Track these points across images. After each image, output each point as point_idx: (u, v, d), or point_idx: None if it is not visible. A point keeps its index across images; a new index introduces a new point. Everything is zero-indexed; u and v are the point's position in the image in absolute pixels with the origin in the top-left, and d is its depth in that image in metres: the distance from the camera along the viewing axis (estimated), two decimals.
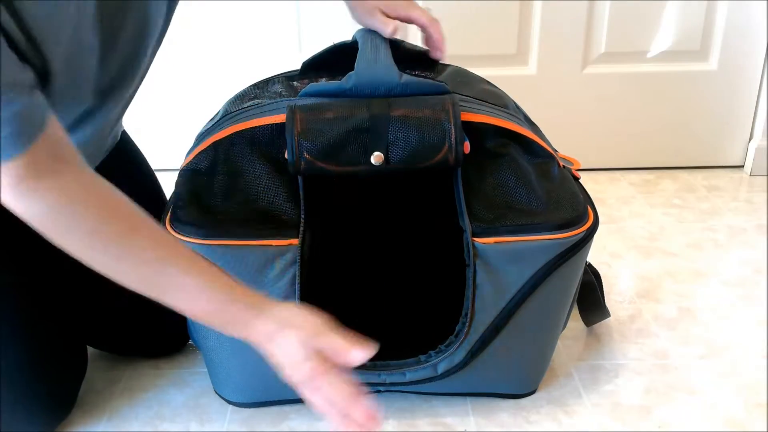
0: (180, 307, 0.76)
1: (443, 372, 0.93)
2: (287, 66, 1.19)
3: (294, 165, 0.84)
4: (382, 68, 0.87)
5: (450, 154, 0.84)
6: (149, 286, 0.74)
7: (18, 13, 0.65)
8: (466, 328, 0.90)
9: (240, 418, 0.99)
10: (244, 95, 0.98)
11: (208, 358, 0.99)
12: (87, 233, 0.71)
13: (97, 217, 0.71)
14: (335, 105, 0.85)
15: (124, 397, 1.03)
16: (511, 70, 1.69)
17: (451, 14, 1.63)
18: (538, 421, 0.97)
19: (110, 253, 0.72)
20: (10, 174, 0.66)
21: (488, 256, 0.86)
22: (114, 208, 0.73)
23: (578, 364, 1.08)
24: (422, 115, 0.84)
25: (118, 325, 1.05)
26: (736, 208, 1.59)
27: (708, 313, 1.21)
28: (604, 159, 1.78)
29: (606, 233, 1.48)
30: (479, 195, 0.88)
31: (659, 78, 1.69)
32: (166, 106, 1.70)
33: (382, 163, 0.84)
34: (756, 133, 1.74)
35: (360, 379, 0.93)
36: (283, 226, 0.85)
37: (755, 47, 1.66)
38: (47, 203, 0.69)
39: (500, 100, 0.96)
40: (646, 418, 0.98)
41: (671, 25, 1.64)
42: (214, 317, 0.76)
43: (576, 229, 0.87)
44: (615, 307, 1.22)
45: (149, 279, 0.74)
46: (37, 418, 0.92)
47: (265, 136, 0.88)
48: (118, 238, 0.72)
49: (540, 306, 0.91)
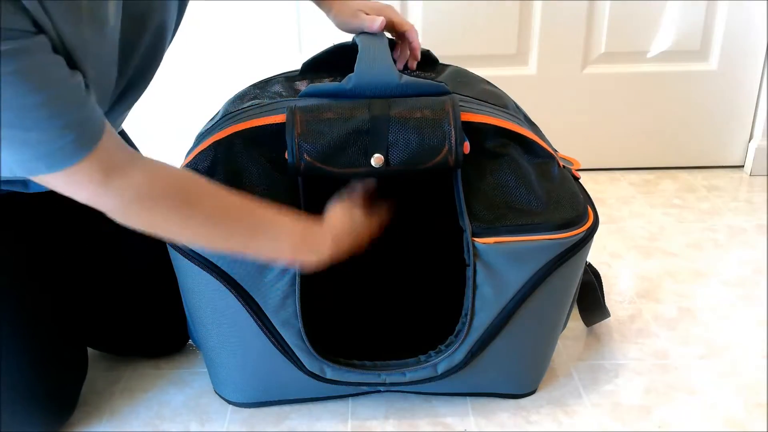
0: (268, 252, 0.83)
1: (443, 372, 0.93)
2: (287, 66, 1.19)
3: (294, 167, 0.84)
4: (381, 69, 0.87)
5: (450, 155, 0.84)
6: (240, 242, 0.81)
7: (60, 36, 0.68)
8: (466, 328, 0.90)
9: (240, 418, 0.99)
10: (244, 95, 0.98)
11: (208, 358, 0.99)
12: (175, 219, 0.77)
13: (174, 201, 0.76)
14: (335, 106, 0.85)
15: (124, 397, 1.03)
16: (511, 70, 1.69)
17: (451, 14, 1.63)
18: (538, 421, 0.98)
19: (198, 229, 0.78)
20: (83, 174, 0.70)
21: (488, 256, 0.86)
22: (183, 187, 0.78)
23: (578, 364, 1.09)
24: (422, 116, 0.84)
25: (117, 326, 1.05)
26: (736, 208, 1.59)
27: (708, 313, 1.21)
28: (604, 159, 1.78)
29: (606, 233, 1.48)
30: (479, 195, 0.88)
31: (659, 78, 1.69)
32: (166, 106, 1.70)
33: (382, 165, 0.84)
34: (756, 133, 1.74)
35: (360, 380, 0.94)
36: None
37: (755, 47, 1.66)
38: (128, 197, 0.73)
39: (500, 100, 0.96)
40: (646, 418, 0.98)
41: (671, 25, 1.64)
42: (296, 243, 0.83)
43: (576, 229, 0.87)
44: (615, 307, 1.22)
45: (238, 236, 0.81)
46: (38, 420, 0.92)
47: (265, 136, 0.88)
48: (200, 215, 0.78)
49: (540, 306, 0.91)
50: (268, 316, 0.89)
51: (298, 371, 0.93)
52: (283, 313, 0.89)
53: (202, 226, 0.78)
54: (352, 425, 0.97)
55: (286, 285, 0.87)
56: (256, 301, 0.88)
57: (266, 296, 0.88)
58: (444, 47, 1.65)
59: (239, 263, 0.86)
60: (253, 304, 0.88)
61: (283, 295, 0.87)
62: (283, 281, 0.87)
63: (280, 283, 0.87)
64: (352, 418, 0.98)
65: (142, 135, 1.71)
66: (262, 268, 0.86)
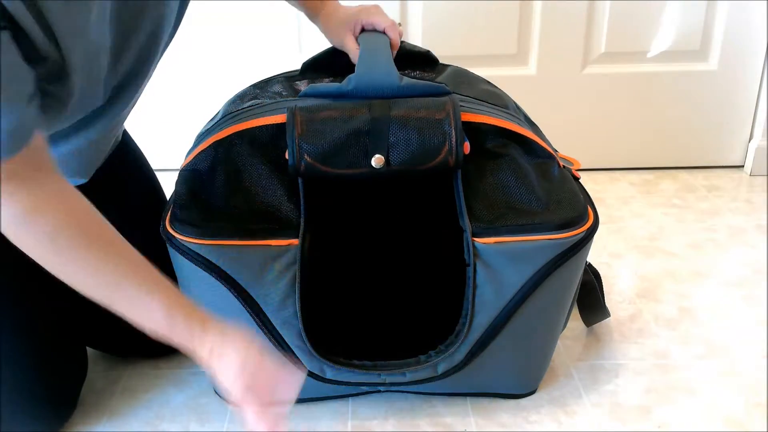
0: (132, 320, 0.76)
1: (443, 372, 0.93)
2: (287, 66, 1.19)
3: (294, 167, 0.84)
4: (382, 71, 0.87)
5: (450, 156, 0.84)
6: (105, 296, 0.75)
7: (37, 6, 0.66)
8: (466, 328, 0.90)
9: (240, 418, 0.98)
10: (244, 95, 0.98)
11: None
12: (56, 239, 0.72)
13: (67, 224, 0.72)
14: (336, 107, 0.85)
15: (124, 397, 1.03)
16: (511, 70, 1.69)
17: (451, 14, 1.63)
18: (538, 421, 0.97)
19: (74, 262, 0.73)
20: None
21: (488, 256, 0.86)
22: (84, 218, 0.74)
23: (578, 364, 1.09)
24: (423, 117, 0.84)
25: (117, 326, 1.05)
26: (736, 208, 1.59)
27: (708, 313, 1.21)
28: (604, 159, 1.78)
29: (606, 233, 1.48)
30: (479, 195, 0.88)
31: (659, 78, 1.69)
32: (166, 106, 1.70)
33: (383, 165, 0.84)
34: (756, 133, 1.74)
35: (360, 380, 0.94)
36: (284, 227, 0.85)
37: (755, 47, 1.66)
38: (23, 207, 0.70)
39: (500, 100, 0.96)
40: (646, 418, 0.98)
41: (671, 25, 1.64)
42: (167, 332, 0.77)
43: (576, 229, 0.87)
44: (615, 307, 1.22)
45: (106, 288, 0.75)
46: (38, 420, 0.92)
47: (266, 136, 0.88)
48: (84, 247, 0.73)
49: (540, 306, 0.91)
50: (268, 316, 0.89)
51: None
52: (283, 313, 0.89)
53: (76, 273, 0.74)
54: (352, 425, 0.97)
55: (286, 285, 0.87)
56: (256, 302, 0.88)
57: (266, 296, 0.88)
58: (444, 47, 1.65)
59: (240, 263, 0.86)
60: (253, 304, 0.88)
61: (284, 295, 0.87)
62: (283, 282, 0.87)
63: (281, 283, 0.87)
64: (352, 418, 0.98)
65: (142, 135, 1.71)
66: (263, 268, 0.86)
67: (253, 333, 0.78)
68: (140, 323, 0.77)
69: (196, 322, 0.76)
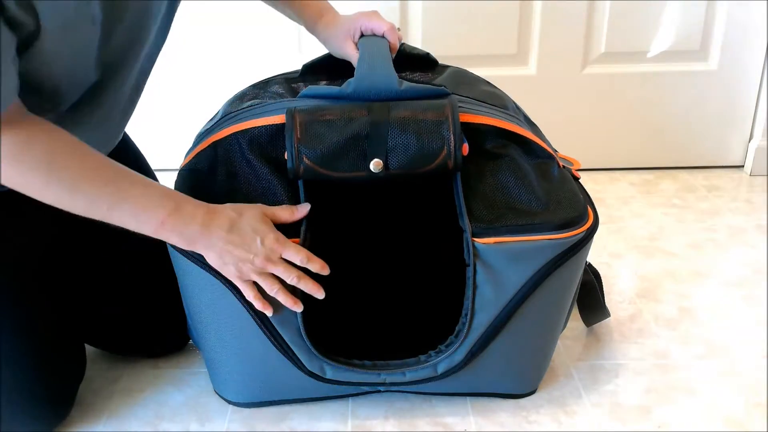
0: (136, 217, 0.82)
1: (443, 372, 0.93)
2: (287, 66, 1.19)
3: (294, 170, 0.84)
4: (382, 75, 0.87)
5: (449, 159, 0.84)
6: (107, 203, 0.80)
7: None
8: (466, 328, 0.90)
9: (240, 418, 0.99)
10: (244, 95, 0.98)
11: (208, 358, 0.99)
12: (52, 161, 0.78)
13: (61, 144, 0.79)
14: (335, 109, 0.85)
15: (123, 397, 1.03)
16: (511, 70, 1.69)
17: (451, 14, 1.63)
18: (538, 421, 0.97)
19: (72, 177, 0.79)
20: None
21: (488, 256, 0.86)
22: (71, 140, 0.80)
23: (578, 364, 1.09)
24: (421, 120, 0.84)
25: (118, 325, 1.05)
26: (736, 208, 1.59)
27: (708, 313, 1.21)
28: (604, 159, 1.78)
29: (606, 233, 1.48)
30: (479, 195, 0.88)
31: (659, 78, 1.69)
32: (166, 106, 1.70)
33: (381, 169, 0.84)
34: (756, 133, 1.74)
35: (360, 379, 0.94)
36: (284, 226, 0.85)
37: (755, 47, 1.66)
38: (19, 139, 0.76)
39: (500, 100, 0.96)
40: (646, 418, 0.98)
41: (671, 25, 1.64)
42: (169, 223, 0.82)
43: (576, 229, 0.87)
44: (615, 307, 1.22)
45: (108, 197, 0.80)
46: (37, 419, 0.92)
47: (265, 136, 0.88)
48: (79, 159, 0.79)
49: (540, 306, 0.91)
50: (268, 315, 0.89)
51: (298, 371, 0.93)
52: (283, 312, 0.89)
53: (65, 190, 0.78)
54: (352, 425, 0.97)
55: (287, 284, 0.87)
56: None
57: (266, 295, 0.88)
58: (444, 47, 1.65)
59: None
60: None
61: None
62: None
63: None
64: (352, 418, 0.98)
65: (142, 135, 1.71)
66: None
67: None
68: (145, 219, 0.82)
69: (195, 203, 0.84)
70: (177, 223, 0.82)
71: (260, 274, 0.84)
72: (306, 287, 0.85)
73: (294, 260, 0.84)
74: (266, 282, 0.84)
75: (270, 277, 0.84)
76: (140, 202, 0.81)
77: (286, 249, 0.84)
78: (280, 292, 0.85)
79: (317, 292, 0.85)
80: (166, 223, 0.81)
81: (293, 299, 0.85)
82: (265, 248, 0.83)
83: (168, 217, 0.81)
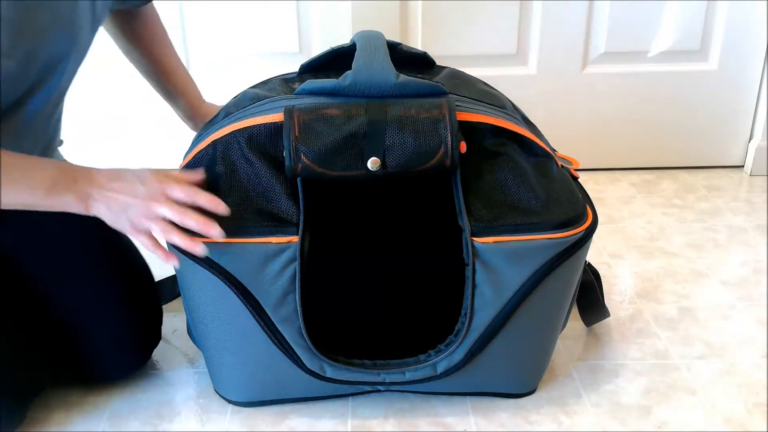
0: (26, 188, 0.83)
1: (443, 371, 0.93)
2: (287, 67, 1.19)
3: (292, 169, 0.84)
4: (379, 68, 0.87)
5: (446, 158, 0.84)
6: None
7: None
8: (465, 327, 0.90)
9: (240, 418, 0.99)
10: (243, 96, 0.98)
11: (208, 358, 0.99)
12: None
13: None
14: (333, 108, 0.85)
15: (124, 397, 1.03)
16: (511, 70, 1.69)
17: (451, 14, 1.63)
18: (538, 421, 0.97)
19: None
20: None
21: (487, 255, 0.86)
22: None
23: (578, 364, 1.09)
24: (419, 119, 0.84)
25: (78, 353, 1.01)
26: (736, 208, 1.59)
27: (708, 313, 1.21)
28: (604, 159, 1.78)
29: (606, 233, 1.48)
30: (478, 194, 0.88)
31: (659, 78, 1.69)
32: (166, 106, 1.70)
33: (379, 168, 0.84)
34: (756, 133, 1.74)
35: (360, 378, 0.94)
36: (283, 224, 0.86)
37: (755, 47, 1.66)
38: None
39: (497, 100, 0.96)
40: (646, 418, 0.98)
41: (671, 24, 1.64)
42: (61, 180, 0.84)
43: (575, 229, 0.87)
44: (615, 307, 1.22)
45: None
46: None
47: (264, 134, 0.88)
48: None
49: (539, 305, 0.91)
50: (268, 313, 0.89)
51: (298, 370, 0.93)
52: (283, 311, 0.89)
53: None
54: (352, 425, 0.97)
55: (286, 282, 0.87)
56: (256, 299, 0.88)
57: (266, 293, 0.88)
58: (444, 47, 1.65)
59: (240, 261, 0.86)
60: (253, 301, 0.88)
61: (284, 292, 0.88)
62: (283, 279, 0.87)
63: (281, 280, 0.87)
64: (352, 418, 0.98)
65: (142, 135, 1.71)
66: (263, 265, 0.86)
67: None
68: (37, 179, 0.84)
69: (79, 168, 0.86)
70: (66, 180, 0.84)
71: (151, 218, 0.83)
72: (194, 225, 0.83)
73: (179, 197, 0.83)
74: (158, 225, 0.83)
75: (161, 221, 0.84)
76: (31, 163, 0.84)
77: (169, 186, 0.84)
78: (173, 234, 0.83)
79: (210, 228, 0.82)
80: (57, 182, 0.83)
81: (192, 240, 0.83)
82: (148, 188, 0.83)
83: (57, 175, 0.84)
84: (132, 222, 0.84)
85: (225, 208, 0.84)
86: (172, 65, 1.19)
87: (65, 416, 0.99)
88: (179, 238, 0.83)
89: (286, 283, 0.87)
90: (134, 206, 0.83)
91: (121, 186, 0.84)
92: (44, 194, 0.83)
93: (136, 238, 0.85)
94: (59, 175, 0.84)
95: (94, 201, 0.84)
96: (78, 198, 0.84)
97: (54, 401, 1.02)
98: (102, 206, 0.84)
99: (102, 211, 0.84)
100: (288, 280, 0.87)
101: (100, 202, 0.84)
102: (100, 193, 0.84)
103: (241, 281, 0.87)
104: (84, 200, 0.84)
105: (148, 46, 1.17)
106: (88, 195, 0.84)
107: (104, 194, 0.84)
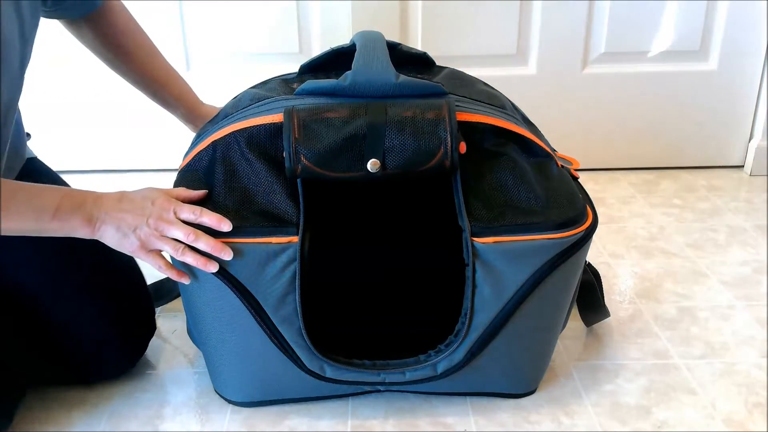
0: (30, 212, 0.82)
1: (443, 372, 0.93)
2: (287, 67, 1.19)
3: (292, 170, 0.84)
4: (379, 68, 0.87)
5: (446, 159, 0.84)
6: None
7: None
8: (465, 327, 0.90)
9: (240, 418, 0.99)
10: (243, 96, 0.98)
11: (208, 358, 0.99)
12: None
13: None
14: (333, 109, 0.85)
15: (124, 397, 1.03)
16: (511, 70, 1.69)
17: (451, 14, 1.63)
18: (538, 421, 0.97)
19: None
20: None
21: (487, 255, 0.86)
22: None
23: (578, 364, 1.09)
24: (418, 120, 0.84)
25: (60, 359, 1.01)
26: (736, 208, 1.59)
27: (708, 313, 1.21)
28: (604, 159, 1.78)
29: (606, 233, 1.48)
30: (478, 194, 0.88)
31: (659, 78, 1.69)
32: None
33: (379, 169, 0.84)
34: (756, 133, 1.74)
35: (360, 379, 0.94)
36: (283, 224, 0.86)
37: (755, 47, 1.66)
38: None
39: (497, 100, 0.96)
40: (646, 418, 0.98)
41: (671, 25, 1.64)
42: (65, 204, 0.83)
43: (575, 229, 0.87)
44: (615, 307, 1.22)
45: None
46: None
47: (263, 135, 0.88)
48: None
49: (539, 305, 0.91)
50: (268, 313, 0.89)
51: (298, 370, 0.93)
52: (283, 311, 0.89)
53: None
54: (352, 425, 0.97)
55: (286, 282, 0.87)
56: (256, 299, 0.88)
57: (266, 294, 0.88)
58: (444, 47, 1.65)
59: (240, 261, 0.86)
60: (253, 301, 0.88)
61: (284, 292, 0.88)
62: (283, 279, 0.87)
63: (281, 281, 0.87)
64: (352, 418, 0.98)
65: (142, 135, 1.71)
66: (263, 265, 0.86)
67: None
68: (41, 204, 0.83)
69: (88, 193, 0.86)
70: (72, 203, 0.83)
71: (161, 238, 0.83)
72: (206, 248, 0.83)
73: (187, 218, 0.83)
74: (169, 245, 0.83)
75: (172, 241, 0.83)
76: (34, 190, 0.83)
77: (177, 206, 0.84)
78: (186, 254, 0.83)
79: (220, 251, 0.83)
80: (62, 205, 0.83)
81: (204, 259, 0.84)
82: (156, 208, 0.83)
83: (63, 198, 0.83)
84: (142, 242, 0.83)
85: (229, 226, 0.84)
86: (163, 76, 1.16)
87: (65, 416, 0.99)
88: (193, 258, 0.84)
89: (286, 284, 0.87)
90: (145, 226, 0.83)
91: (130, 206, 0.84)
92: (50, 218, 0.82)
93: (146, 258, 0.85)
94: (65, 198, 0.83)
95: (102, 223, 0.84)
96: (85, 220, 0.83)
97: (54, 401, 1.02)
98: (110, 228, 0.83)
99: (109, 233, 0.84)
100: (288, 281, 0.87)
101: (109, 223, 0.83)
102: (108, 215, 0.83)
103: (241, 281, 0.87)
104: (91, 223, 0.84)
105: (134, 59, 1.13)
106: (96, 217, 0.84)
107: (113, 215, 0.83)
